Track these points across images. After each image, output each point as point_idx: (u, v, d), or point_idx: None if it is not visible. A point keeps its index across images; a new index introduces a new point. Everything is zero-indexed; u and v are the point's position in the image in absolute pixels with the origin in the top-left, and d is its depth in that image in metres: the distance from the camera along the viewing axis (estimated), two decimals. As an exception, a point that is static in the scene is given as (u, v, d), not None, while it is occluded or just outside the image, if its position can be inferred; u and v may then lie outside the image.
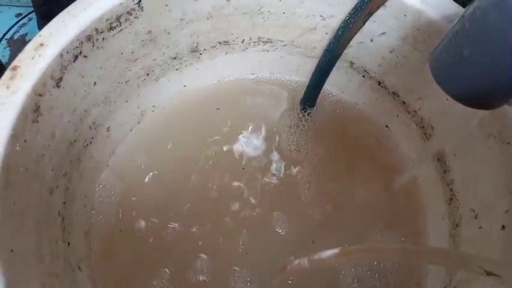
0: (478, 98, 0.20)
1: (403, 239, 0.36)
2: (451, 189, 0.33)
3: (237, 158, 0.39)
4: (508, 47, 0.17)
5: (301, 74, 0.41)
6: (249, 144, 0.40)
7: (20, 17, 0.83)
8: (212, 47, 0.38)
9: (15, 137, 0.24)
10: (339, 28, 0.33)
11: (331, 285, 0.33)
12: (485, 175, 0.28)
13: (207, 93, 0.42)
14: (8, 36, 0.80)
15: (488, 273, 0.22)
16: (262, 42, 0.39)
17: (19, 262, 0.23)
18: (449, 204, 0.33)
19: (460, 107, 0.30)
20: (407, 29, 0.31)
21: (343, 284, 0.33)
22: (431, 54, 0.22)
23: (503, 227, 0.25)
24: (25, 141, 0.25)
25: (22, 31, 0.81)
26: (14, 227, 0.24)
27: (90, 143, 0.34)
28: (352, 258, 0.28)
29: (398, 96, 0.37)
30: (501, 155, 0.27)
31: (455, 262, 0.24)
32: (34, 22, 0.81)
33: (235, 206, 0.37)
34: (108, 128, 0.36)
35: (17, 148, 0.25)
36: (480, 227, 0.28)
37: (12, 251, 0.23)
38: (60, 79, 0.28)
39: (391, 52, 0.34)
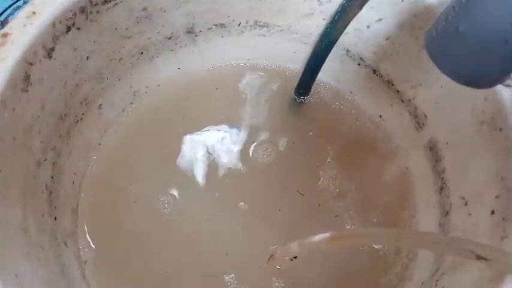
0: (473, 74, 0.20)
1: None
2: (442, 178, 0.33)
3: (229, 144, 0.39)
4: (504, 20, 0.17)
5: (297, 61, 0.41)
6: (240, 132, 0.40)
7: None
8: (208, 29, 0.38)
9: (3, 103, 0.24)
10: (336, 12, 0.33)
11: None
12: (477, 162, 0.29)
13: (202, 77, 0.42)
14: (1, 18, 0.79)
15: (478, 257, 0.22)
16: (259, 26, 0.38)
17: (4, 232, 0.23)
18: (440, 193, 0.33)
19: (454, 94, 0.31)
20: (404, 15, 0.31)
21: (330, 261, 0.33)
22: (427, 32, 0.21)
23: (492, 212, 0.25)
24: (13, 109, 0.25)
25: (16, 14, 0.81)
26: (-2, 194, 0.23)
27: (81, 119, 0.34)
28: (343, 243, 0.28)
29: (393, 84, 0.37)
30: (493, 141, 0.27)
31: (445, 246, 0.24)
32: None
33: (224, 194, 0.37)
34: (99, 105, 0.35)
35: (5, 116, 0.24)
36: (470, 214, 0.28)
37: (-4, 218, 0.22)
38: (52, 49, 0.27)
39: (387, 39, 0.34)
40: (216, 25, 0.38)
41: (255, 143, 0.39)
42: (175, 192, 0.36)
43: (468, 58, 0.19)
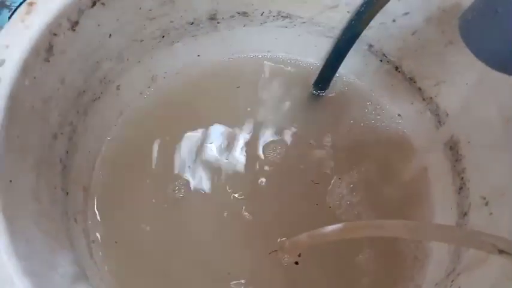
0: (510, 58, 0.19)
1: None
2: (462, 178, 0.32)
3: (243, 138, 0.39)
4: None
5: (317, 55, 0.41)
6: (255, 125, 0.39)
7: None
8: (231, 16, 0.37)
9: (25, 70, 0.24)
10: (362, 4, 0.33)
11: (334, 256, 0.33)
12: (500, 161, 0.28)
13: (221, 68, 0.42)
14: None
15: (500, 251, 0.21)
16: (282, 17, 0.38)
17: (16, 195, 0.23)
18: (459, 193, 0.32)
19: (479, 91, 0.30)
20: (432, 9, 0.30)
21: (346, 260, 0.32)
22: (461, 16, 0.21)
23: (516, 211, 0.25)
24: (34, 78, 0.25)
25: None
26: (14, 159, 0.23)
27: (99, 98, 0.33)
28: (356, 234, 0.27)
29: (415, 82, 0.36)
30: (519, 139, 0.26)
31: (466, 240, 0.23)
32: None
33: (234, 188, 0.36)
34: (118, 86, 0.35)
35: (26, 83, 0.24)
36: (491, 213, 0.27)
37: (10, 181, 0.22)
38: (76, 23, 0.27)
39: (413, 34, 0.33)
40: (239, 13, 0.37)
41: (269, 139, 0.39)
42: (186, 179, 0.36)
43: (506, 40, 0.18)
